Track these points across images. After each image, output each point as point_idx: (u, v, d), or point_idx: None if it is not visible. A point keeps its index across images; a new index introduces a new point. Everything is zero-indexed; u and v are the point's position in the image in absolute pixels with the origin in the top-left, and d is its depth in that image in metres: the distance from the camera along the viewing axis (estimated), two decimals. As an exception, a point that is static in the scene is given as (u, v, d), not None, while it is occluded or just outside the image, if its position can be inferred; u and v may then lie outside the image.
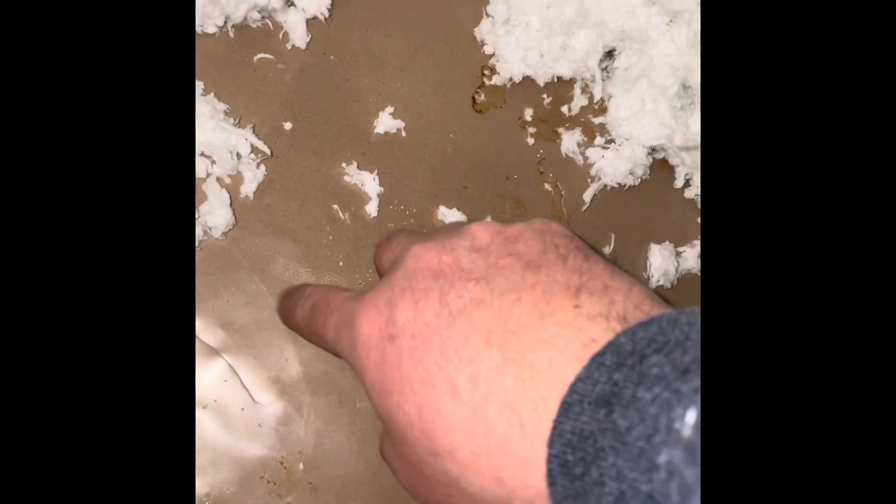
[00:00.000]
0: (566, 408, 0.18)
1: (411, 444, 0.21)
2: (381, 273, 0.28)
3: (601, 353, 0.19)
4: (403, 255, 0.23)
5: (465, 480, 0.20)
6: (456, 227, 0.24)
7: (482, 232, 0.23)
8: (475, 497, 0.20)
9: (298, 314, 0.26)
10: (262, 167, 0.31)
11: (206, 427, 0.30)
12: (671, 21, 0.33)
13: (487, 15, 0.35)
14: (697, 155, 0.34)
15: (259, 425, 0.30)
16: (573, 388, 0.18)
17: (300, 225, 0.32)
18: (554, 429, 0.18)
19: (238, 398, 0.30)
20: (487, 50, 0.35)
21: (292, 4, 0.32)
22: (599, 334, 0.19)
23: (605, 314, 0.20)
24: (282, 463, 0.30)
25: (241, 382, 0.30)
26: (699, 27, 0.30)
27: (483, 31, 0.35)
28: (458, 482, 0.20)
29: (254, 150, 0.31)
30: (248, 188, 0.31)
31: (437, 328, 0.20)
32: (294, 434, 0.31)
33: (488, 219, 0.34)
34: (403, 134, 0.34)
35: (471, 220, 0.34)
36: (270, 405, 0.30)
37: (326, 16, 0.32)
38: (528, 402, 0.19)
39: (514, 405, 0.19)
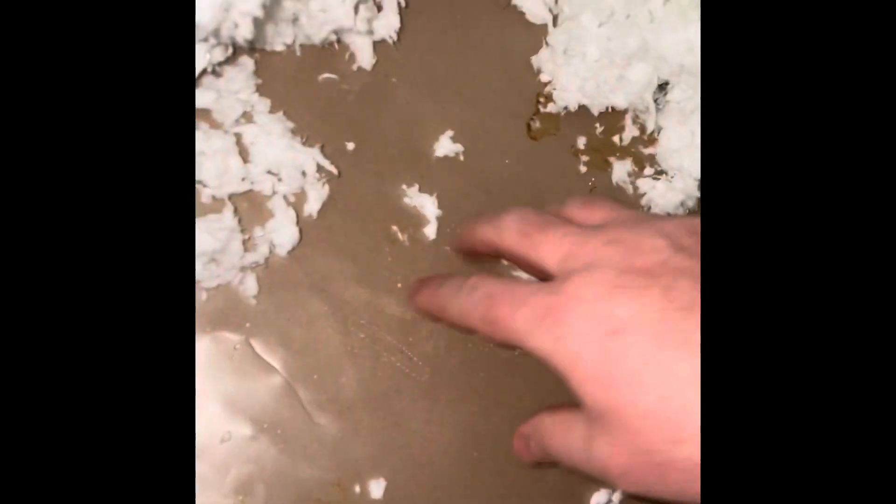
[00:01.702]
0: None
1: (643, 432, 0.21)
2: (473, 251, 0.28)
3: None
4: (599, 254, 0.23)
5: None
6: (642, 224, 0.24)
7: (681, 230, 0.23)
8: None
9: (464, 303, 0.26)
10: (327, 186, 0.31)
11: (263, 446, 0.29)
12: (728, 58, 0.34)
13: (547, 44, 0.35)
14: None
15: (318, 445, 0.30)
16: None
17: (360, 245, 0.32)
18: None
19: (297, 418, 0.30)
20: (544, 78, 0.36)
21: (371, 32, 0.32)
22: None
23: None
24: (338, 485, 0.30)
25: (300, 402, 0.30)
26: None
27: (541, 59, 0.36)
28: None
29: (320, 168, 0.31)
30: (312, 207, 0.31)
31: (671, 322, 0.21)
32: (350, 455, 0.30)
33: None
34: (462, 158, 0.34)
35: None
36: (328, 426, 0.30)
37: (395, 38, 0.33)
38: None
39: None
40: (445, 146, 0.34)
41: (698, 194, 0.36)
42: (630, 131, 0.37)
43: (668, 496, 0.22)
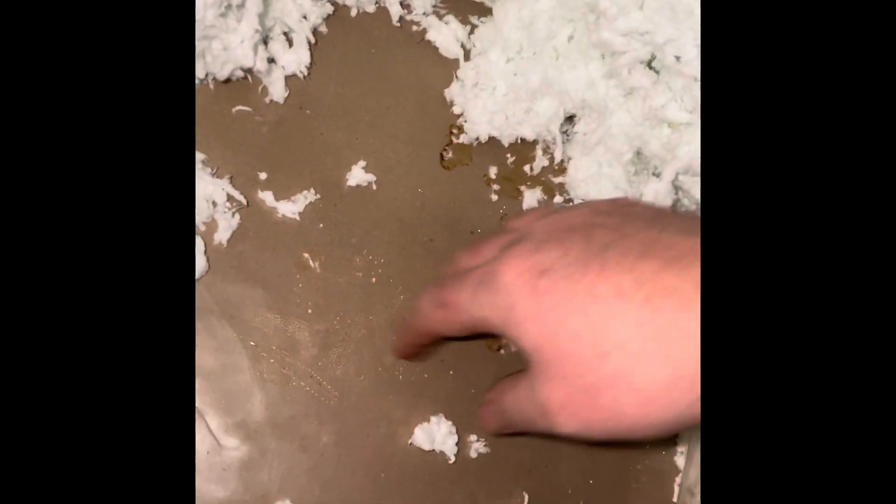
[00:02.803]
0: None
1: (573, 354, 0.22)
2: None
3: None
4: (531, 229, 0.26)
5: (636, 372, 0.22)
6: (562, 209, 0.27)
7: (600, 203, 0.26)
8: (645, 389, 0.22)
9: (430, 314, 0.28)
10: (237, 216, 0.32)
11: (170, 471, 0.30)
12: (628, 94, 0.35)
13: (457, 78, 0.37)
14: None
15: (224, 469, 0.31)
16: None
17: (271, 272, 0.33)
18: None
19: (204, 442, 0.31)
20: (456, 110, 0.37)
21: (273, 62, 0.33)
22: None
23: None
24: (244, 507, 0.31)
25: (207, 426, 0.31)
26: (654, 104, 0.33)
27: (453, 92, 0.37)
28: (628, 377, 0.22)
29: (229, 199, 0.32)
30: (221, 236, 0.32)
31: (591, 256, 0.23)
32: (258, 478, 0.31)
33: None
34: (374, 187, 0.35)
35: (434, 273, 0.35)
36: (235, 449, 0.31)
37: (305, 73, 0.34)
38: (692, 288, 0.21)
39: (679, 291, 0.21)
40: (358, 176, 0.35)
41: (603, 222, 0.37)
42: (540, 161, 0.38)
43: (602, 430, 0.23)
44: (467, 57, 0.38)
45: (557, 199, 0.38)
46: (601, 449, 0.36)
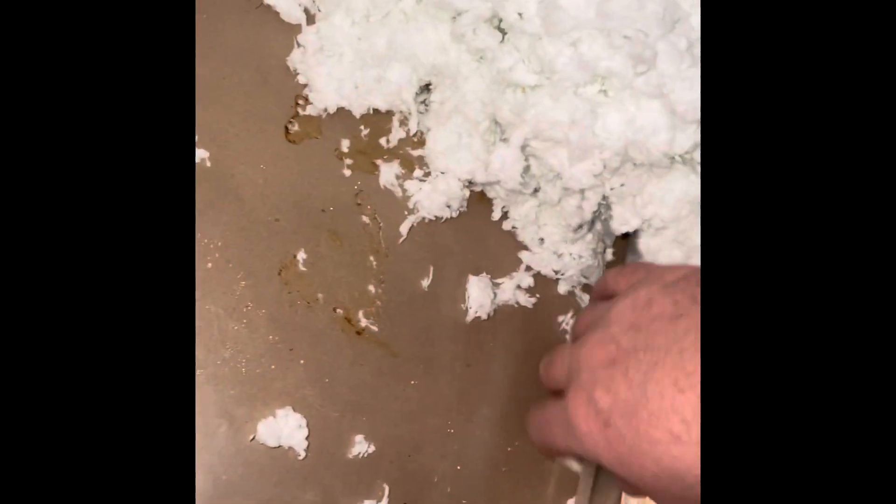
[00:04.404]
0: None
1: (661, 489, 0.26)
2: (552, 386, 0.32)
3: None
4: (575, 362, 0.28)
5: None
6: (599, 313, 0.29)
7: (625, 313, 0.28)
8: None
9: (540, 447, 0.31)
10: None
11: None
12: (480, 59, 0.34)
13: (299, 45, 0.34)
14: (507, 187, 0.35)
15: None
16: None
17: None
18: None
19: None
20: (301, 80, 0.35)
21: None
22: None
23: None
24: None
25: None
26: (501, 66, 0.31)
27: (295, 60, 0.34)
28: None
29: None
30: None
31: (635, 400, 0.25)
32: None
33: (300, 252, 0.33)
34: (208, 164, 0.32)
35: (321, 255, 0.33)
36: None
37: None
38: None
39: None
40: (188, 152, 0.32)
41: (463, 195, 0.36)
42: (397, 133, 0.36)
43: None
44: (311, 21, 0.35)
45: (417, 172, 0.36)
46: (469, 432, 0.35)
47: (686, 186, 0.34)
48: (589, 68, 0.28)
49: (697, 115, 0.28)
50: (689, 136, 0.29)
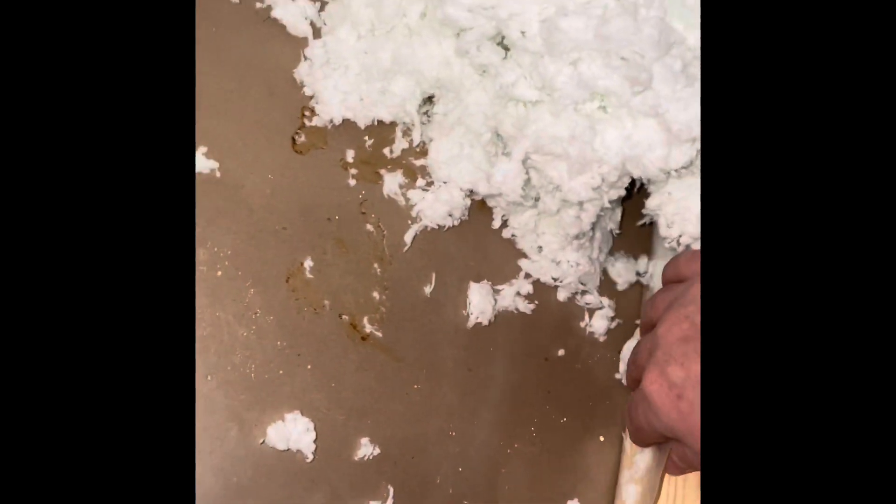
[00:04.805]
0: None
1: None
2: (638, 375, 0.33)
3: None
4: (654, 343, 0.30)
5: None
6: (675, 295, 0.31)
7: (687, 297, 0.29)
8: None
9: (632, 425, 0.33)
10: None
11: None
12: (483, 73, 0.35)
13: (306, 58, 0.35)
14: (509, 199, 0.36)
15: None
16: None
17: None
18: None
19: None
20: (307, 91, 0.36)
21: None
22: None
23: None
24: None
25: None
26: (504, 81, 0.32)
27: (302, 72, 0.35)
28: None
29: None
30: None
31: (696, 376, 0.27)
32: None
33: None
34: (218, 174, 0.33)
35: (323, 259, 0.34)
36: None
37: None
38: None
39: None
40: (199, 163, 0.33)
41: (465, 204, 0.37)
42: (400, 143, 0.37)
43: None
44: (317, 35, 0.36)
45: (420, 181, 0.37)
46: (470, 435, 0.36)
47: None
48: (588, 86, 0.29)
49: (692, 134, 0.29)
50: (685, 153, 0.30)
